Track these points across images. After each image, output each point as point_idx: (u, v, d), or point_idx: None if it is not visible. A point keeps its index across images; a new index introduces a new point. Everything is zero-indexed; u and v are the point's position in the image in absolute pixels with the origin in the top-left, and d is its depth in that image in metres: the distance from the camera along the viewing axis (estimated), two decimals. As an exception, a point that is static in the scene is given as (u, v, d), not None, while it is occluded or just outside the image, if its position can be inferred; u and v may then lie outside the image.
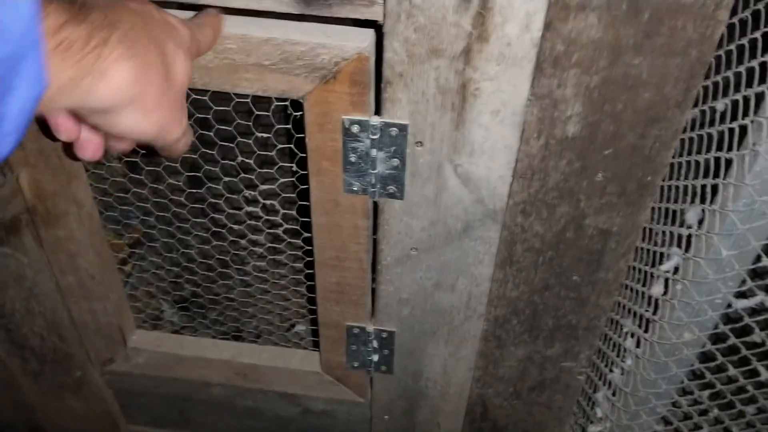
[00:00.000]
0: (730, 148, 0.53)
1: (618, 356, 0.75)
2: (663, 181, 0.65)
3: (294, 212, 0.74)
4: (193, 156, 0.71)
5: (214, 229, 0.80)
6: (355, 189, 0.65)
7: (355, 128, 0.61)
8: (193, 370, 0.93)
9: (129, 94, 0.43)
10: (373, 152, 0.62)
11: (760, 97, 0.50)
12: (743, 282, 0.57)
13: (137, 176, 0.79)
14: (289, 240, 0.77)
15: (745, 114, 0.50)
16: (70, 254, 0.79)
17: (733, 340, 0.60)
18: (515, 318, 0.76)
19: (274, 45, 0.56)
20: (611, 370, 0.77)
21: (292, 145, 0.67)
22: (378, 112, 0.60)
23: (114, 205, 0.81)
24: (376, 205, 0.68)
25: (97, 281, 0.82)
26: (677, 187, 0.62)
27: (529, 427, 0.91)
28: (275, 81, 0.59)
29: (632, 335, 0.72)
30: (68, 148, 0.62)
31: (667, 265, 0.61)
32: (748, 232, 0.52)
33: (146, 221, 0.94)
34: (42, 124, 0.63)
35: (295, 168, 0.69)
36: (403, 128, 0.60)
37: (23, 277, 0.85)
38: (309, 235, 0.74)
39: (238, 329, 1.01)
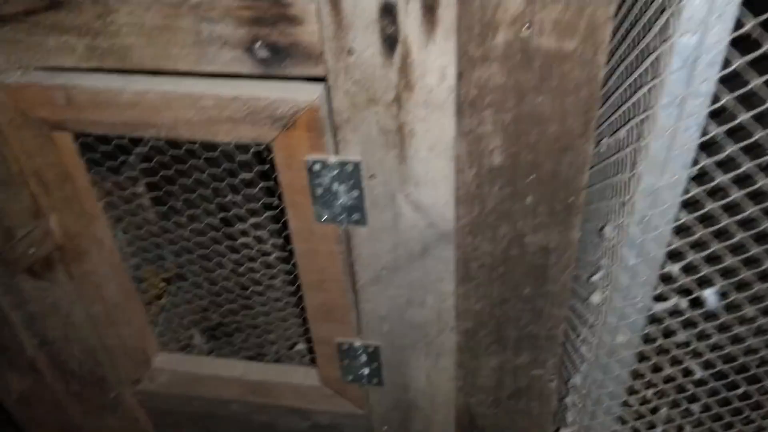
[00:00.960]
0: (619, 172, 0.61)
1: (578, 362, 0.82)
2: (590, 204, 0.72)
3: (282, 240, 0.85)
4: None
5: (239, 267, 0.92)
6: (326, 218, 0.76)
7: (317, 166, 0.71)
8: (210, 387, 1.03)
9: None
10: (335, 186, 0.72)
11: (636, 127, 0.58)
12: (657, 287, 0.64)
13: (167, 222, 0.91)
14: (280, 267, 0.88)
15: (635, 140, 0.58)
16: (96, 285, 0.92)
17: (661, 341, 0.67)
18: (482, 330, 0.84)
19: (241, 101, 0.67)
20: (574, 375, 0.84)
21: (270, 183, 0.78)
22: (336, 151, 0.70)
23: (147, 248, 0.93)
24: (347, 231, 0.78)
25: (121, 309, 0.94)
26: (599, 208, 0.69)
27: (515, 434, 0.97)
28: (246, 130, 0.70)
29: (585, 341, 0.79)
30: None
31: (598, 275, 0.69)
32: (647, 241, 0.59)
33: (179, 259, 1.06)
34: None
35: (277, 202, 0.80)
36: (356, 165, 0.70)
37: (59, 308, 0.97)
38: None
39: (259, 353, 1.12)
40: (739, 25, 0.51)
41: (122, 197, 0.86)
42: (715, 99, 0.54)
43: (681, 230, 0.62)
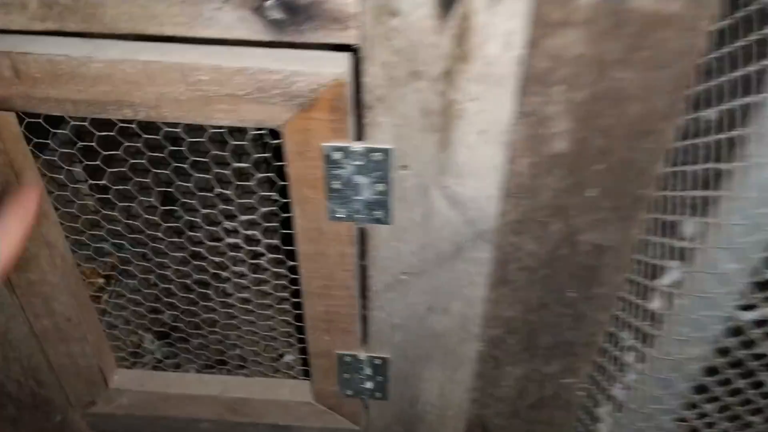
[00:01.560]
0: (719, 159, 0.52)
1: (619, 371, 0.73)
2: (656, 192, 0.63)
3: (277, 241, 0.71)
4: (168, 189, 0.69)
5: (194, 262, 0.77)
6: (340, 216, 0.63)
7: (337, 155, 0.58)
8: (179, 407, 0.89)
9: None
10: (357, 178, 0.60)
11: (747, 107, 0.48)
12: (746, 295, 0.55)
13: (110, 212, 0.75)
14: (273, 269, 0.75)
15: (742, 123, 0.49)
16: (44, 297, 0.76)
17: (738, 353, 0.59)
18: (512, 337, 0.74)
19: (247, 75, 0.54)
20: (611, 386, 0.76)
21: (271, 174, 0.64)
22: (359, 137, 0.58)
23: (87, 242, 0.78)
24: (362, 231, 0.65)
25: (74, 323, 0.79)
26: (672, 198, 0.60)
27: (530, 446, 0.89)
28: (251, 111, 0.56)
29: (632, 350, 0.70)
30: None
31: (667, 279, 0.60)
32: (748, 245, 0.50)
33: (120, 251, 0.91)
34: None
35: (275, 196, 0.67)
36: (386, 153, 0.58)
37: (-4, 324, 0.81)
38: (293, 263, 0.72)
39: (222, 361, 0.98)
40: None
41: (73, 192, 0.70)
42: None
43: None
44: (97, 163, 0.65)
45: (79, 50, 0.54)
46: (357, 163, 0.59)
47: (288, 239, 0.69)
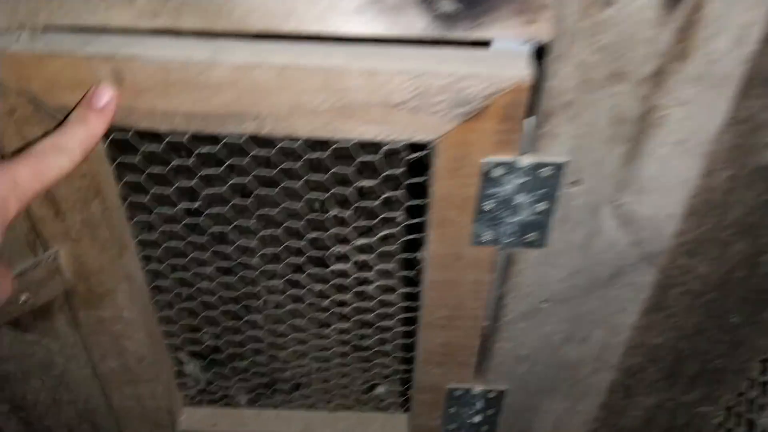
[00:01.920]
0: None
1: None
2: None
3: (391, 266, 0.62)
4: (268, 213, 0.59)
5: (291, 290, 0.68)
6: (486, 240, 0.54)
7: (498, 171, 0.49)
8: (257, 448, 0.80)
9: None
10: (517, 198, 0.51)
11: None
12: None
13: (198, 238, 0.65)
14: (379, 298, 0.65)
15: None
16: (114, 336, 0.66)
17: None
18: (653, 366, 0.66)
19: (407, 79, 0.44)
20: (757, 415, 0.68)
21: (399, 193, 0.55)
22: (524, 149, 0.49)
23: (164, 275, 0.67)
24: (507, 256, 0.57)
25: (147, 363, 0.69)
26: None
27: (645, 475, 0.81)
28: (403, 123, 0.47)
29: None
30: None
31: None
32: None
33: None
34: None
35: (400, 218, 0.57)
36: (558, 167, 0.49)
37: (52, 365, 0.71)
38: (407, 291, 0.63)
39: (272, 380, 0.89)
40: None
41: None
42: None
43: None
44: (191, 184, 0.55)
45: (199, 53, 0.44)
46: (520, 180, 0.50)
47: (407, 265, 0.60)
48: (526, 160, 0.48)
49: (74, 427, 0.79)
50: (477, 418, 0.73)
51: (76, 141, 0.43)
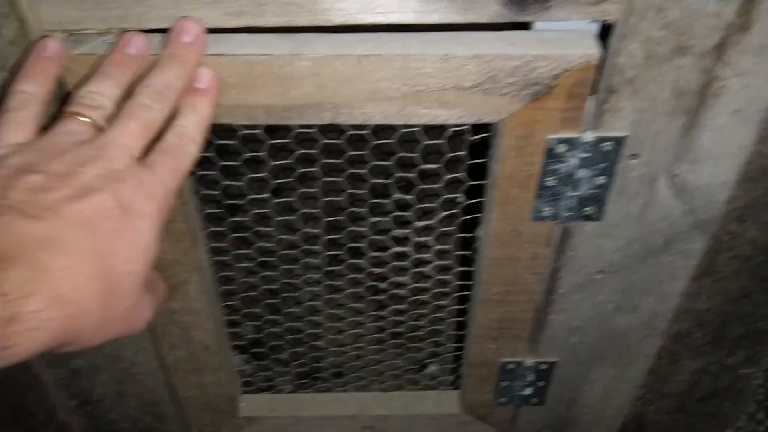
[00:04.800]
0: None
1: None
2: None
3: (449, 246, 0.65)
4: (337, 198, 0.61)
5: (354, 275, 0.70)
6: (546, 215, 0.57)
7: (561, 148, 0.52)
8: (315, 431, 0.83)
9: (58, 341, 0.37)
10: (579, 172, 0.53)
11: None
12: None
13: (264, 228, 0.68)
14: (437, 277, 0.68)
15: None
16: (183, 327, 0.68)
17: None
18: (699, 330, 0.69)
19: (481, 63, 0.47)
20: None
21: (461, 174, 0.58)
22: (597, 124, 0.51)
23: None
24: (564, 229, 0.59)
25: (212, 351, 0.71)
26: None
27: (687, 438, 0.84)
28: (474, 105, 0.49)
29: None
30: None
31: None
32: None
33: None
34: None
35: (460, 198, 0.60)
36: (619, 142, 0.51)
37: (120, 359, 0.73)
38: (464, 269, 0.66)
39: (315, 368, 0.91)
40: None
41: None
42: None
43: None
44: (263, 174, 0.58)
45: (282, 48, 0.47)
46: (582, 155, 0.52)
47: (464, 244, 0.63)
48: (589, 136, 0.51)
49: (138, 419, 0.82)
50: (527, 391, 0.76)
51: (194, 127, 0.44)
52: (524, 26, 0.49)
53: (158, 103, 0.43)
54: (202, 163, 0.58)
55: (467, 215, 0.62)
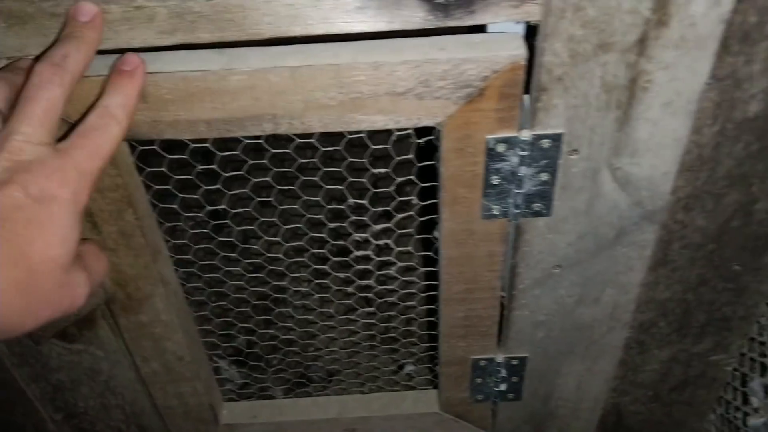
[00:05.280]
0: None
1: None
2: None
3: (410, 248, 0.66)
4: (293, 206, 0.62)
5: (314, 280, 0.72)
6: (495, 213, 0.58)
7: (501, 147, 0.53)
8: (296, 435, 0.84)
9: None
10: (521, 170, 0.54)
11: None
12: None
13: (225, 238, 0.69)
14: (402, 279, 0.69)
15: None
16: (154, 339, 0.69)
17: None
18: (663, 320, 0.69)
19: (411, 68, 0.48)
20: (765, 356, 0.72)
21: (412, 177, 0.59)
22: (524, 124, 0.52)
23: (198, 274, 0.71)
24: (515, 226, 0.60)
25: (186, 362, 0.73)
26: None
27: (667, 428, 0.85)
28: (409, 109, 0.50)
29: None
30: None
31: None
32: None
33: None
34: None
35: (414, 201, 0.61)
36: (557, 138, 0.52)
37: (98, 372, 0.75)
38: (426, 270, 0.67)
39: (304, 375, 0.92)
40: None
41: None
42: None
43: None
44: (218, 186, 0.59)
45: (216, 63, 0.48)
46: (522, 153, 0.53)
47: (424, 245, 0.64)
48: (526, 134, 0.52)
49: (124, 430, 0.84)
50: (503, 386, 0.77)
51: (118, 107, 0.45)
52: (481, 29, 0.49)
53: (56, 76, 0.42)
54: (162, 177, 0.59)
55: (426, 216, 0.63)
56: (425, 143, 0.56)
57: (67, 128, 0.46)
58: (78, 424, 0.83)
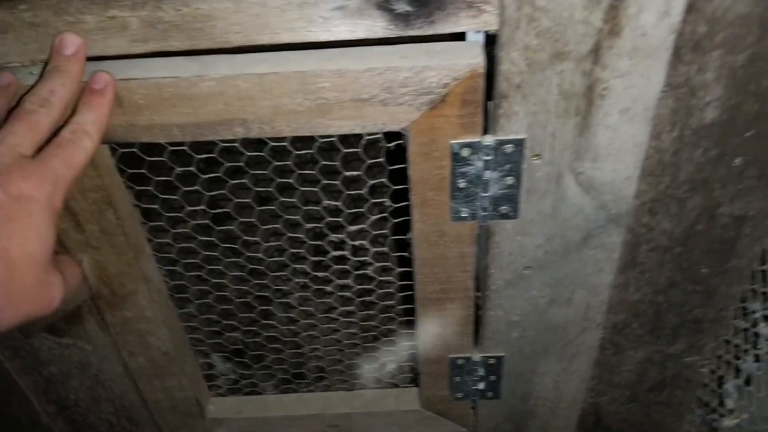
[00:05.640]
0: None
1: (749, 343, 0.70)
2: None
3: (386, 249, 0.68)
4: (270, 207, 0.64)
5: (295, 279, 0.74)
6: (464, 216, 0.59)
7: (466, 152, 0.54)
8: (280, 430, 0.86)
9: None
10: (486, 174, 0.56)
11: None
12: None
13: (206, 237, 0.71)
14: (380, 279, 0.71)
15: None
16: (139, 334, 0.72)
17: None
18: (636, 321, 0.71)
19: (373, 75, 0.50)
20: (738, 358, 0.73)
21: (384, 180, 0.60)
22: (486, 130, 0.54)
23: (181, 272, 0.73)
24: (484, 228, 0.62)
25: (171, 357, 0.75)
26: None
27: (646, 428, 0.86)
28: (374, 115, 0.52)
29: (765, 320, 0.67)
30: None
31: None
32: None
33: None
34: None
35: (387, 203, 0.63)
36: (519, 143, 0.54)
37: (87, 366, 0.77)
38: (402, 270, 0.68)
39: (297, 373, 0.94)
40: None
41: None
42: None
43: None
44: (197, 187, 0.61)
45: (187, 70, 0.50)
46: (486, 158, 0.55)
47: (399, 246, 0.66)
48: (489, 139, 0.54)
49: (114, 423, 0.86)
50: (481, 385, 0.79)
51: (90, 123, 0.48)
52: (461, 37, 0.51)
53: (43, 107, 0.47)
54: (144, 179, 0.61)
55: (400, 218, 0.64)
56: (395, 147, 0.58)
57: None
58: (70, 416, 0.85)
